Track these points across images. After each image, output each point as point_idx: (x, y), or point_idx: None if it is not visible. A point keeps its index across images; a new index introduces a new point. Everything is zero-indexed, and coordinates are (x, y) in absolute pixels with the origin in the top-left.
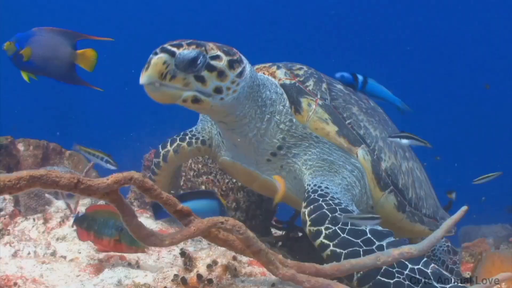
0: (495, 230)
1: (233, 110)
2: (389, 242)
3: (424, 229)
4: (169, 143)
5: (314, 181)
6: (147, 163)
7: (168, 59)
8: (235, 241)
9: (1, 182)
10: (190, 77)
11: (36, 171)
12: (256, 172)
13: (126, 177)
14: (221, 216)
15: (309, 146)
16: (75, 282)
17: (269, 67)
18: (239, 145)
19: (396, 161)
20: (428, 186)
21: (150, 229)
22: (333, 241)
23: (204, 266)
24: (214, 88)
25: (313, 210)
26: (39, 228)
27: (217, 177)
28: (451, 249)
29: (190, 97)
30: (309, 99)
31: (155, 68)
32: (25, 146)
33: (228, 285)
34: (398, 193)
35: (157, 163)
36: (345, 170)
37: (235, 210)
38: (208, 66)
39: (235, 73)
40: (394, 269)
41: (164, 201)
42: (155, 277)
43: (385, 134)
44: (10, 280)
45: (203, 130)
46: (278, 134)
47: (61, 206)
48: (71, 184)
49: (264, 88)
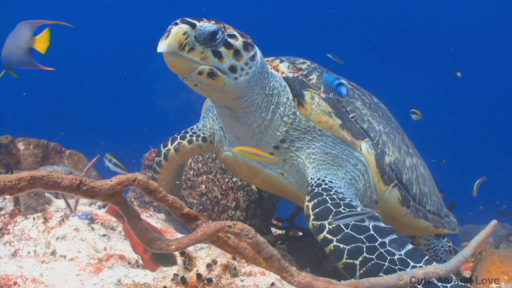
0: (495, 229)
1: (243, 93)
2: (391, 239)
3: (428, 226)
4: (170, 142)
5: (317, 174)
6: (147, 162)
7: (188, 30)
8: (246, 249)
9: (1, 183)
10: (208, 51)
11: (37, 172)
12: (258, 166)
13: (130, 179)
14: (229, 220)
15: (312, 140)
16: (75, 281)
17: (272, 60)
18: (242, 137)
19: (400, 156)
20: (432, 184)
21: (156, 233)
22: (337, 236)
23: (204, 265)
24: (230, 66)
25: (317, 204)
26: (39, 227)
27: (217, 176)
28: (453, 249)
29: (206, 69)
30: (312, 92)
31: (175, 37)
32: (25, 145)
33: (228, 284)
34: (402, 188)
35: (158, 161)
36: (348, 164)
37: (235, 209)
38: (226, 42)
39: (248, 55)
40: (397, 266)
41: (169, 204)
42: (154, 277)
43: (389, 129)
44: (10, 279)
45: (204, 127)
46: (282, 127)
47: (61, 206)
48: (73, 186)
49: (272, 77)
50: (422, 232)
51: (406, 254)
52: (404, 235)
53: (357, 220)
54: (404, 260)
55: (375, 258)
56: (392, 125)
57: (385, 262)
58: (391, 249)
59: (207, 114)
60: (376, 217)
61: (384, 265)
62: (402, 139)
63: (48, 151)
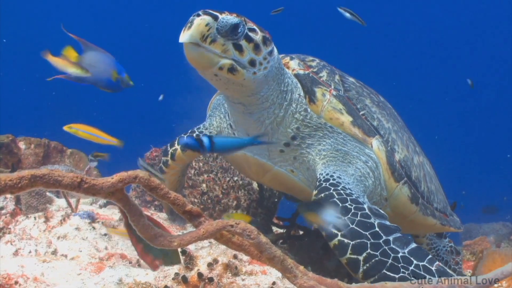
0: (496, 228)
1: (259, 88)
2: (395, 237)
3: (436, 223)
4: (177, 141)
5: (326, 170)
6: (148, 161)
7: (211, 22)
8: (251, 246)
9: (2, 182)
10: (229, 44)
11: (38, 171)
12: (268, 163)
13: (131, 176)
14: (231, 219)
15: (323, 136)
16: (76, 281)
17: (282, 58)
18: (252, 134)
19: (409, 154)
20: (438, 182)
21: (158, 229)
22: (342, 231)
23: (205, 264)
24: (250, 59)
25: (323, 198)
26: (40, 227)
27: (218, 175)
28: (454, 249)
29: (227, 65)
30: (323, 89)
31: (198, 28)
32: (26, 144)
33: (229, 283)
34: (411, 185)
35: (165, 161)
36: (359, 161)
37: (236, 208)
38: (246, 36)
39: (267, 49)
40: (400, 264)
41: (171, 200)
42: (156, 276)
43: (397, 127)
44: (11, 278)
45: (211, 125)
46: (293, 124)
47: (62, 205)
48: (74, 184)
49: (286, 74)
50: (429, 230)
51: (409, 252)
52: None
53: (363, 216)
54: (407, 258)
55: (379, 255)
56: (399, 124)
57: (389, 260)
58: (395, 247)
59: (214, 113)
60: (382, 215)
61: (388, 262)
62: (409, 138)
63: (49, 150)
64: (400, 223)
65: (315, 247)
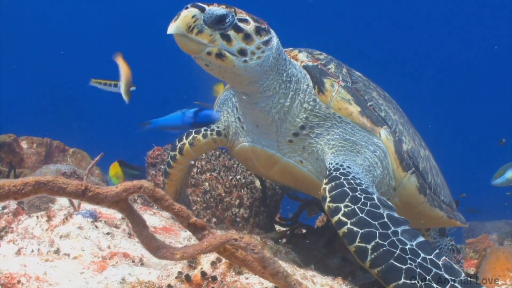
0: (499, 226)
1: (256, 78)
2: (404, 229)
3: (443, 215)
4: (185, 136)
5: (336, 159)
6: (150, 160)
7: (197, 13)
8: (254, 262)
9: (6, 188)
10: (216, 34)
11: (43, 177)
12: (277, 155)
13: (136, 186)
14: (235, 233)
15: (332, 126)
16: (79, 280)
17: (291, 51)
18: (261, 125)
19: (415, 146)
20: (442, 177)
21: (161, 241)
22: (351, 219)
23: (208, 263)
24: (239, 49)
25: (334, 187)
26: (43, 226)
27: (220, 174)
28: (455, 247)
29: (214, 50)
30: (332, 80)
31: (184, 20)
32: (28, 143)
33: (232, 282)
34: (419, 175)
35: (173, 156)
36: (367, 151)
37: (239, 206)
38: (235, 26)
39: (261, 39)
40: (407, 255)
41: (175, 212)
42: (159, 275)
43: (403, 120)
44: (13, 278)
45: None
46: (302, 113)
47: (65, 204)
48: (79, 192)
49: (290, 65)
50: (436, 223)
51: (417, 245)
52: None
53: (372, 206)
54: (415, 251)
55: (387, 245)
56: (405, 118)
57: (397, 250)
58: (403, 238)
59: (221, 108)
60: (391, 206)
61: (395, 253)
62: (414, 132)
63: (52, 150)
64: (407, 215)
65: (318, 245)
